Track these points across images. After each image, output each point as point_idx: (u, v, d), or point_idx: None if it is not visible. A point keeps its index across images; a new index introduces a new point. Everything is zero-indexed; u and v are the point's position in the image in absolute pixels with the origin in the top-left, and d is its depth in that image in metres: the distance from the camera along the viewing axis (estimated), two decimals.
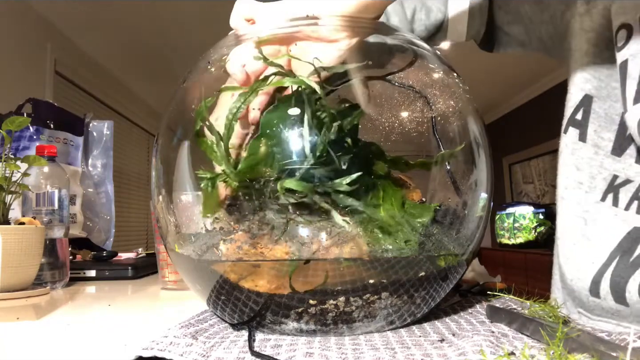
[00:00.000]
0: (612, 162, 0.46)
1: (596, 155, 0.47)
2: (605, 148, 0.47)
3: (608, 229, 0.46)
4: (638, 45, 0.41)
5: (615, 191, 0.46)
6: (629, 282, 0.43)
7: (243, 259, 0.40)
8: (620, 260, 0.44)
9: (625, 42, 0.42)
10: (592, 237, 0.47)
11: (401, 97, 0.47)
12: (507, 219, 3.87)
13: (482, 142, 0.46)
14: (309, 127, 0.38)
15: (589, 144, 0.48)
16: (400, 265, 0.39)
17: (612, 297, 0.44)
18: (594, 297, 0.46)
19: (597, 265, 0.46)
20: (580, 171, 0.48)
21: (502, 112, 4.70)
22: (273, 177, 0.39)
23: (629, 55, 0.42)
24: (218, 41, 0.49)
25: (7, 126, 0.67)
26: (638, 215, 0.44)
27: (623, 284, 0.43)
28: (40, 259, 0.69)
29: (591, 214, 0.47)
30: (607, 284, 0.44)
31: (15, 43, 2.40)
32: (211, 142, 0.42)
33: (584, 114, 0.48)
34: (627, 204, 0.45)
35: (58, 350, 0.40)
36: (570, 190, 0.49)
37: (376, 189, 0.41)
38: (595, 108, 0.47)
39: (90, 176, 1.20)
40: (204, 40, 0.92)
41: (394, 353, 0.34)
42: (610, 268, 0.44)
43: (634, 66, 0.41)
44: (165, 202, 0.46)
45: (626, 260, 0.43)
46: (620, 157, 0.46)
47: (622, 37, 0.42)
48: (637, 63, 0.41)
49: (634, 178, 0.45)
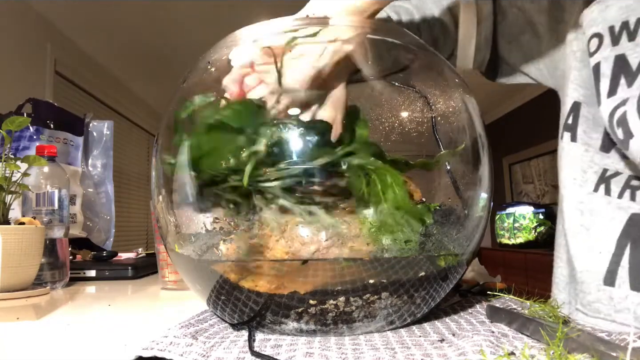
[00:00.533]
0: (602, 158, 0.51)
1: (586, 152, 0.52)
2: (594, 145, 0.52)
3: (604, 217, 0.49)
4: (608, 50, 0.48)
5: (607, 182, 0.50)
6: None
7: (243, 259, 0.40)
8: (635, 248, 0.47)
9: (597, 48, 0.50)
10: (590, 226, 0.50)
11: (401, 97, 0.47)
12: (507, 219, 3.87)
13: (483, 142, 0.46)
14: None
15: (579, 143, 0.52)
16: (400, 265, 0.39)
17: (629, 284, 0.47)
18: (608, 285, 0.48)
19: (607, 255, 0.48)
20: (574, 168, 0.53)
21: (502, 112, 4.70)
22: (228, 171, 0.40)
23: (602, 58, 0.49)
24: (218, 41, 0.49)
25: (7, 126, 0.67)
26: (632, 202, 0.48)
27: None
28: (40, 259, 0.69)
29: (586, 204, 0.51)
30: (626, 272, 0.47)
31: (15, 43, 2.40)
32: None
33: (574, 119, 0.53)
34: (620, 192, 0.49)
35: (58, 350, 0.40)
36: (567, 187, 0.53)
37: (371, 180, 0.41)
38: (584, 112, 0.53)
39: (90, 176, 1.20)
40: (204, 40, 0.92)
41: (394, 353, 0.34)
42: (625, 257, 0.47)
43: (606, 67, 0.48)
44: (165, 202, 0.46)
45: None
46: (609, 153, 0.50)
47: (595, 44, 0.50)
48: (608, 64, 0.48)
49: (622, 170, 0.49)
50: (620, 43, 0.48)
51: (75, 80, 2.99)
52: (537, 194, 4.25)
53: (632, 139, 0.43)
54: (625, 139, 0.44)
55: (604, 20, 0.49)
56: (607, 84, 0.48)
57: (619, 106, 0.45)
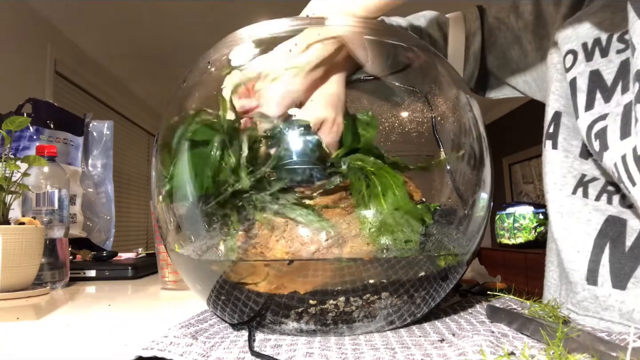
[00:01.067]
0: (580, 164, 0.53)
1: (566, 158, 0.54)
2: (573, 152, 0.53)
3: (582, 218, 0.51)
4: (583, 66, 0.50)
5: (585, 186, 0.52)
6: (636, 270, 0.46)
7: (243, 259, 0.40)
8: (614, 248, 0.48)
9: (572, 64, 0.52)
10: (570, 227, 0.52)
11: (401, 96, 0.47)
12: (507, 219, 3.87)
13: (483, 142, 0.46)
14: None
15: (560, 149, 0.54)
16: (400, 265, 0.39)
17: (611, 282, 0.48)
18: (591, 285, 0.49)
19: (587, 254, 0.50)
20: (555, 173, 0.54)
21: (502, 112, 4.70)
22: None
23: (577, 74, 0.51)
24: (218, 41, 0.49)
25: (7, 126, 0.67)
26: (609, 205, 0.50)
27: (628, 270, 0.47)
28: (40, 259, 0.69)
29: (565, 207, 0.53)
30: (607, 270, 0.48)
31: (15, 43, 2.40)
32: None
33: (555, 127, 0.55)
34: (597, 196, 0.51)
35: (58, 350, 0.40)
36: (550, 191, 0.55)
37: (370, 182, 0.41)
38: (564, 121, 0.55)
39: (90, 176, 1.20)
40: (204, 40, 0.92)
41: (394, 353, 0.34)
42: (605, 256, 0.49)
43: (582, 82, 0.50)
44: (166, 202, 0.46)
45: (622, 249, 0.48)
46: (587, 160, 0.52)
47: (570, 60, 0.52)
48: (584, 79, 0.50)
49: (599, 177, 0.51)
50: (594, 59, 0.50)
51: (75, 80, 2.99)
52: (537, 194, 4.25)
53: (606, 151, 0.45)
54: (600, 151, 0.46)
55: (577, 37, 0.51)
56: (584, 99, 0.49)
57: (598, 120, 0.47)
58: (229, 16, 2.72)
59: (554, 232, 0.54)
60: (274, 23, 0.45)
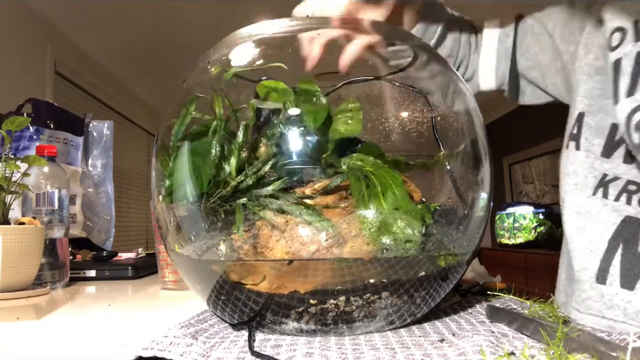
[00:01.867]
0: (602, 163, 0.52)
1: (587, 158, 0.53)
2: (595, 152, 0.53)
3: (599, 218, 0.51)
4: (631, 46, 0.47)
5: (605, 186, 0.51)
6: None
7: (243, 259, 0.40)
8: (627, 249, 0.48)
9: (619, 43, 0.48)
10: (586, 227, 0.52)
11: (401, 96, 0.47)
12: (507, 219, 3.87)
13: (483, 142, 0.46)
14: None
15: (581, 150, 0.54)
16: (400, 265, 0.39)
17: (620, 282, 0.48)
18: (600, 284, 0.50)
19: (600, 254, 0.50)
20: (577, 174, 0.54)
21: (502, 112, 4.70)
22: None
23: (623, 54, 0.47)
24: (218, 41, 0.49)
25: (7, 126, 0.67)
26: (628, 206, 0.49)
27: (637, 271, 0.47)
28: (40, 259, 0.69)
29: (584, 207, 0.53)
30: (617, 270, 0.49)
31: (15, 43, 2.40)
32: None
33: (578, 128, 0.55)
34: (617, 196, 0.50)
35: (58, 350, 0.40)
36: (569, 192, 0.55)
37: (370, 183, 0.41)
38: (587, 121, 0.54)
39: (90, 176, 1.20)
40: (204, 40, 0.92)
41: (394, 353, 0.34)
42: (617, 256, 0.49)
43: (627, 63, 0.47)
44: (166, 202, 0.46)
45: (634, 250, 0.48)
46: (609, 159, 0.51)
47: (617, 39, 0.48)
48: (629, 61, 0.46)
49: (621, 175, 0.50)
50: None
51: (75, 80, 2.99)
52: (537, 194, 4.25)
53: None
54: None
55: (631, 14, 0.47)
56: (627, 83, 0.46)
57: (638, 109, 0.45)
58: (229, 16, 2.72)
59: (568, 232, 0.54)
60: (274, 23, 0.45)
